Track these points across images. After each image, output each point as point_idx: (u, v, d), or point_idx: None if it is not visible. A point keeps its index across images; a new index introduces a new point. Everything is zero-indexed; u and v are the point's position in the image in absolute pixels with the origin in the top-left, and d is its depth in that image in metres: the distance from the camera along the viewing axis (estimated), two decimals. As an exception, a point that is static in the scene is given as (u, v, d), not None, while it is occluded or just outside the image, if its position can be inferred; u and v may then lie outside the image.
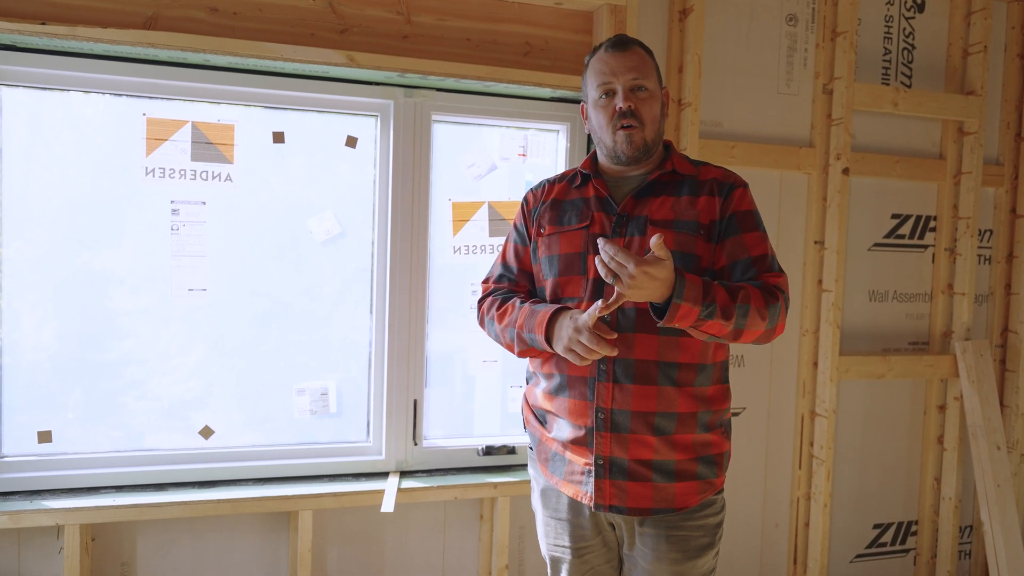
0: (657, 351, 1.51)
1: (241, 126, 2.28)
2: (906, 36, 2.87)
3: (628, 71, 1.57)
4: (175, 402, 2.28)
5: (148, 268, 2.22)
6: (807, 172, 2.73)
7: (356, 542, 2.40)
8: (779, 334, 1.55)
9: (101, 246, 2.19)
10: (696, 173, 1.62)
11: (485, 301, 1.75)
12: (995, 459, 2.76)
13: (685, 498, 1.55)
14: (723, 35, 2.64)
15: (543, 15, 2.42)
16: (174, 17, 2.11)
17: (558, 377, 1.60)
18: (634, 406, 1.51)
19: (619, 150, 1.59)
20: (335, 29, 2.24)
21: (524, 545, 2.55)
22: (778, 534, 2.84)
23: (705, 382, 1.56)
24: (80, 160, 2.16)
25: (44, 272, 2.15)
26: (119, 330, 2.22)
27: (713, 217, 1.57)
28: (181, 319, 2.26)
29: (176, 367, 2.28)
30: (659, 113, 1.61)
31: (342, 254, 2.40)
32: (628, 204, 1.59)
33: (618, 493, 1.53)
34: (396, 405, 2.42)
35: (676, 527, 1.57)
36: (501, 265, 1.78)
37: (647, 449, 1.52)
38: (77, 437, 2.20)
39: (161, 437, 2.27)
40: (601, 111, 1.60)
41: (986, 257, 3.03)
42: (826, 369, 2.72)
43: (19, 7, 2.00)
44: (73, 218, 2.16)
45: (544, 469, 1.67)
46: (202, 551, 2.27)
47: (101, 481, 2.19)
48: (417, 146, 2.40)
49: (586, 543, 1.64)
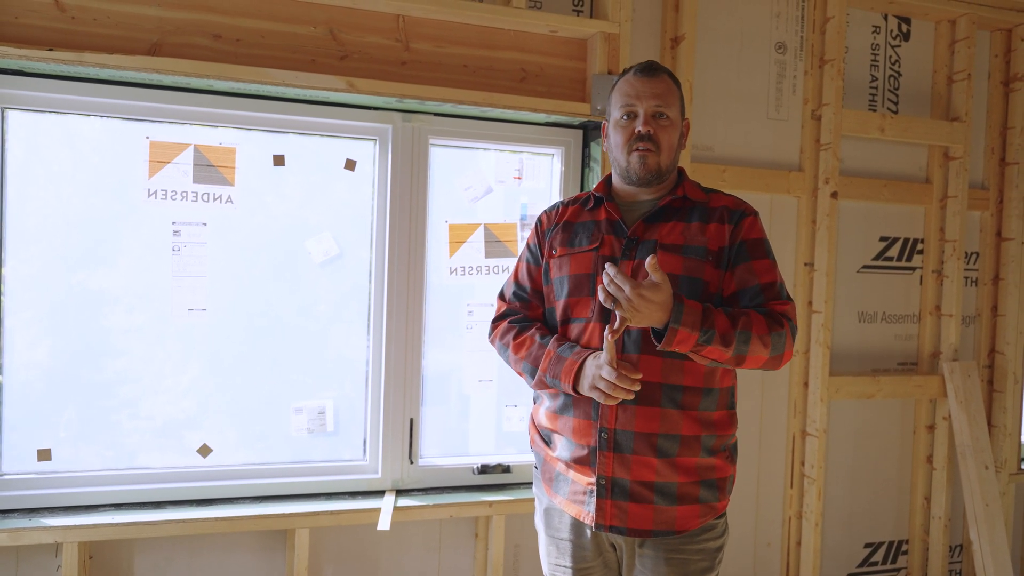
0: (661, 373, 1.54)
1: (242, 149, 2.32)
2: (892, 64, 2.95)
3: (652, 97, 1.61)
4: (172, 421, 2.30)
5: (149, 288, 2.25)
6: (796, 196, 2.79)
7: (352, 560, 2.42)
8: (787, 360, 1.57)
9: (106, 266, 2.22)
10: (707, 200, 1.66)
11: (501, 324, 1.77)
12: (983, 479, 2.80)
13: (686, 521, 1.57)
14: (714, 62, 2.71)
15: (538, 43, 2.48)
16: (178, 43, 2.16)
17: (563, 397, 1.62)
18: (637, 427, 1.54)
19: (632, 171, 1.62)
20: (335, 56, 2.30)
21: (519, 564, 2.57)
22: (770, 553, 2.86)
23: (710, 406, 1.58)
24: (85, 181, 2.20)
25: (41, 291, 2.18)
26: (116, 349, 2.24)
27: (722, 244, 1.60)
28: (180, 338, 2.29)
29: (173, 386, 2.30)
30: (676, 142, 1.65)
31: (340, 275, 2.44)
32: (639, 228, 1.62)
33: (619, 514, 1.55)
34: (393, 424, 2.45)
35: (676, 550, 1.58)
36: (514, 284, 1.81)
37: (649, 470, 1.54)
38: (72, 456, 2.22)
39: (158, 456, 2.29)
40: (621, 131, 1.64)
41: (973, 279, 3.09)
42: (816, 389, 2.76)
43: (27, 34, 2.05)
44: (78, 238, 2.20)
45: (548, 488, 1.69)
46: (199, 569, 2.28)
47: (99, 499, 2.20)
48: (415, 169, 2.45)
49: (587, 564, 1.66)
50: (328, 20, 2.28)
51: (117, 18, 2.11)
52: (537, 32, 2.46)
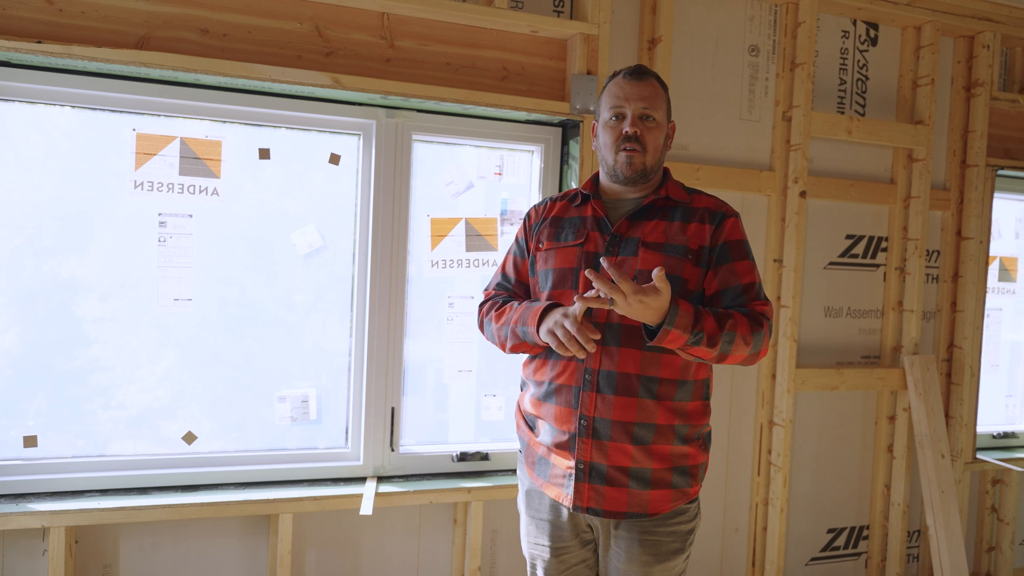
0: (640, 365, 1.61)
1: (228, 142, 2.36)
2: (860, 68, 3.05)
3: (640, 99, 1.68)
4: (159, 409, 2.34)
5: (136, 278, 2.29)
6: (767, 194, 2.89)
7: (334, 545, 2.48)
8: (762, 357, 1.66)
9: (94, 257, 2.25)
10: (689, 200, 1.73)
11: (485, 305, 1.87)
12: (939, 467, 2.93)
13: (658, 504, 1.65)
14: (689, 64, 2.79)
15: (520, 42, 2.55)
16: (166, 38, 2.19)
17: (547, 384, 1.70)
18: (615, 415, 1.62)
19: (619, 169, 1.70)
20: (321, 52, 2.34)
21: (496, 548, 2.65)
22: (738, 538, 2.97)
23: (685, 397, 1.66)
24: (71, 173, 2.23)
25: (20, 279, 2.20)
26: (87, 338, 2.27)
27: (702, 243, 1.67)
28: (165, 328, 2.33)
29: (154, 374, 2.34)
30: (662, 143, 1.72)
31: (324, 267, 2.49)
32: (622, 225, 1.70)
33: (595, 496, 1.64)
34: (374, 412, 2.51)
35: (649, 532, 1.67)
36: (500, 275, 1.90)
37: (625, 456, 1.62)
38: (57, 443, 2.26)
39: (143, 444, 2.33)
40: (609, 131, 1.71)
41: (934, 276, 3.21)
42: (783, 381, 2.87)
43: (15, 26, 2.07)
44: (71, 229, 2.23)
45: (530, 471, 1.77)
46: (184, 554, 2.33)
47: (86, 485, 2.24)
48: (398, 164, 2.50)
49: (564, 543, 1.74)
50: (314, 17, 2.33)
51: (105, 11, 2.14)
52: (519, 32, 2.52)
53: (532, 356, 1.78)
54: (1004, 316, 3.48)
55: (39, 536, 2.17)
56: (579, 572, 1.77)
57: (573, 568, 1.76)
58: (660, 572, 1.68)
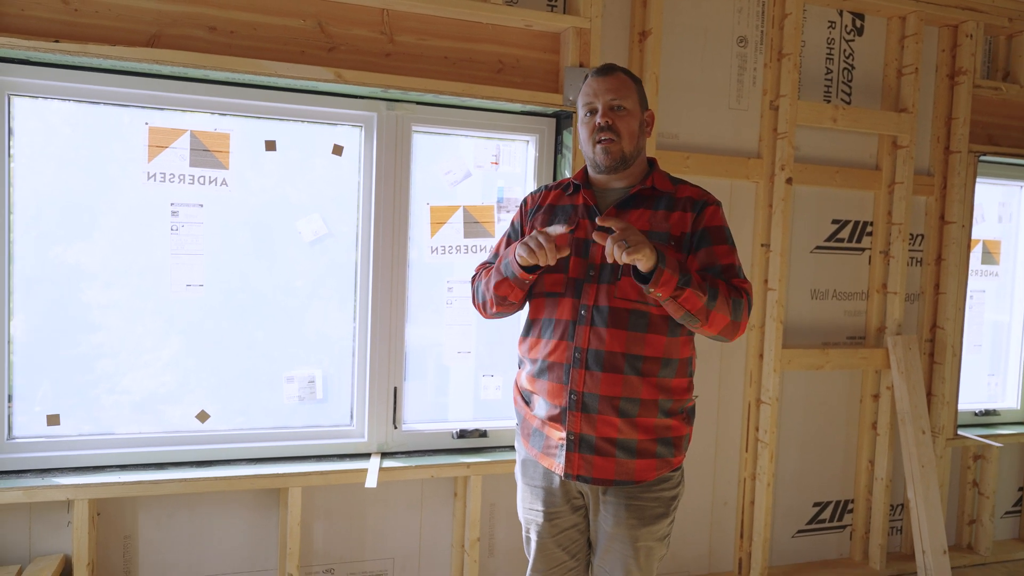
0: (625, 344, 1.73)
1: (236, 135, 2.47)
2: (846, 57, 3.15)
3: (608, 92, 1.79)
4: (170, 389, 2.47)
5: (149, 265, 2.41)
6: (755, 181, 3.00)
7: (341, 517, 2.62)
8: (742, 332, 1.77)
9: (110, 246, 2.37)
10: (674, 191, 1.84)
11: (477, 275, 1.99)
12: (920, 442, 3.06)
13: (644, 473, 1.77)
14: (679, 55, 2.89)
15: (515, 36, 2.64)
16: (176, 35, 2.30)
17: (540, 362, 1.82)
18: (602, 391, 1.73)
19: (598, 160, 1.81)
20: (324, 47, 2.45)
21: (495, 520, 2.79)
22: (726, 511, 3.11)
23: (669, 374, 1.77)
24: (86, 166, 2.34)
25: (38, 266, 2.32)
26: (95, 323, 2.40)
27: (684, 230, 1.78)
28: (181, 312, 2.46)
29: (160, 359, 2.47)
30: (637, 129, 1.82)
31: (328, 253, 2.61)
32: (610, 213, 1.80)
33: (585, 465, 1.76)
34: (378, 392, 2.64)
35: (635, 497, 1.79)
36: (492, 254, 2.02)
37: (612, 428, 1.74)
38: (87, 417, 2.39)
39: (162, 420, 2.46)
40: (585, 127, 1.83)
41: (918, 259, 3.32)
42: (770, 361, 2.98)
43: (33, 25, 2.17)
44: (87, 219, 2.35)
45: (526, 443, 1.90)
46: (199, 525, 2.47)
47: (106, 460, 2.37)
48: (398, 154, 2.61)
49: (556, 508, 1.87)
50: (317, 13, 2.43)
51: (118, 11, 2.24)
52: (513, 26, 2.62)
53: (526, 334, 1.89)
54: (987, 298, 3.59)
55: (64, 508, 2.31)
56: (570, 536, 1.89)
57: (565, 532, 1.88)
58: (645, 534, 1.80)
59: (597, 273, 1.76)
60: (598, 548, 1.86)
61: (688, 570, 3.06)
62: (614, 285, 1.74)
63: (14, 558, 2.28)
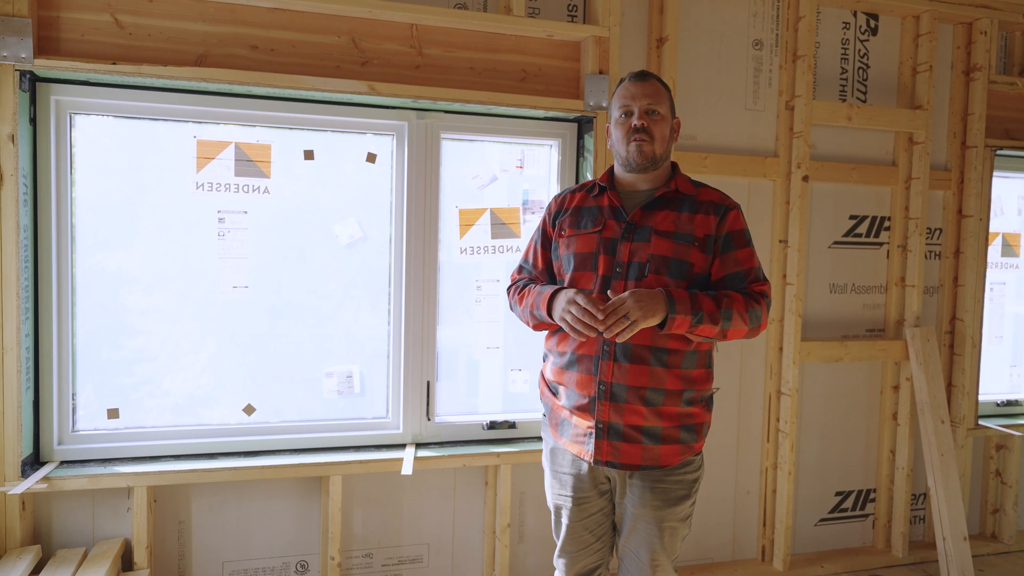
0: (651, 338, 1.84)
1: (277, 145, 2.64)
2: (861, 57, 3.23)
3: (645, 97, 1.91)
4: (220, 385, 2.64)
5: (199, 269, 2.58)
6: (772, 179, 3.09)
7: (378, 504, 2.77)
8: (763, 330, 1.91)
9: (166, 253, 2.55)
10: (696, 193, 1.96)
11: (511, 289, 2.13)
12: (939, 432, 3.12)
13: (668, 458, 1.89)
14: (696, 59, 3.00)
15: (537, 46, 2.78)
16: (221, 54, 2.47)
17: (569, 355, 1.94)
18: (630, 381, 1.85)
19: (631, 158, 1.93)
20: (357, 62, 2.60)
21: (524, 507, 2.92)
22: (749, 500, 3.20)
23: (691, 365, 1.89)
24: (141, 178, 2.52)
25: (92, 272, 2.51)
26: (134, 325, 2.58)
27: (708, 232, 1.90)
28: (228, 312, 2.63)
29: (217, 355, 2.64)
30: (668, 134, 1.95)
31: (364, 255, 2.77)
32: (636, 214, 1.92)
33: (613, 451, 1.88)
34: (412, 386, 2.79)
35: (659, 480, 1.90)
36: (523, 260, 2.15)
37: (639, 417, 1.86)
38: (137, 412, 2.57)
39: (210, 415, 2.64)
40: (620, 127, 1.95)
41: (936, 253, 3.38)
42: (790, 353, 3.07)
43: (92, 49, 2.36)
44: (129, 228, 2.53)
45: (554, 432, 2.02)
46: (247, 511, 2.64)
47: (161, 451, 2.55)
48: (428, 160, 2.76)
49: (584, 494, 1.98)
50: (350, 30, 2.58)
51: (168, 33, 2.42)
52: (536, 36, 2.75)
53: (552, 331, 2.02)
54: (1008, 290, 3.64)
55: (124, 495, 2.49)
56: (597, 519, 2.01)
57: (592, 516, 2.00)
58: (669, 515, 1.92)
59: (624, 271, 1.87)
60: (623, 529, 1.97)
61: (712, 557, 3.16)
62: (641, 282, 1.85)
63: (80, 541, 2.47)
